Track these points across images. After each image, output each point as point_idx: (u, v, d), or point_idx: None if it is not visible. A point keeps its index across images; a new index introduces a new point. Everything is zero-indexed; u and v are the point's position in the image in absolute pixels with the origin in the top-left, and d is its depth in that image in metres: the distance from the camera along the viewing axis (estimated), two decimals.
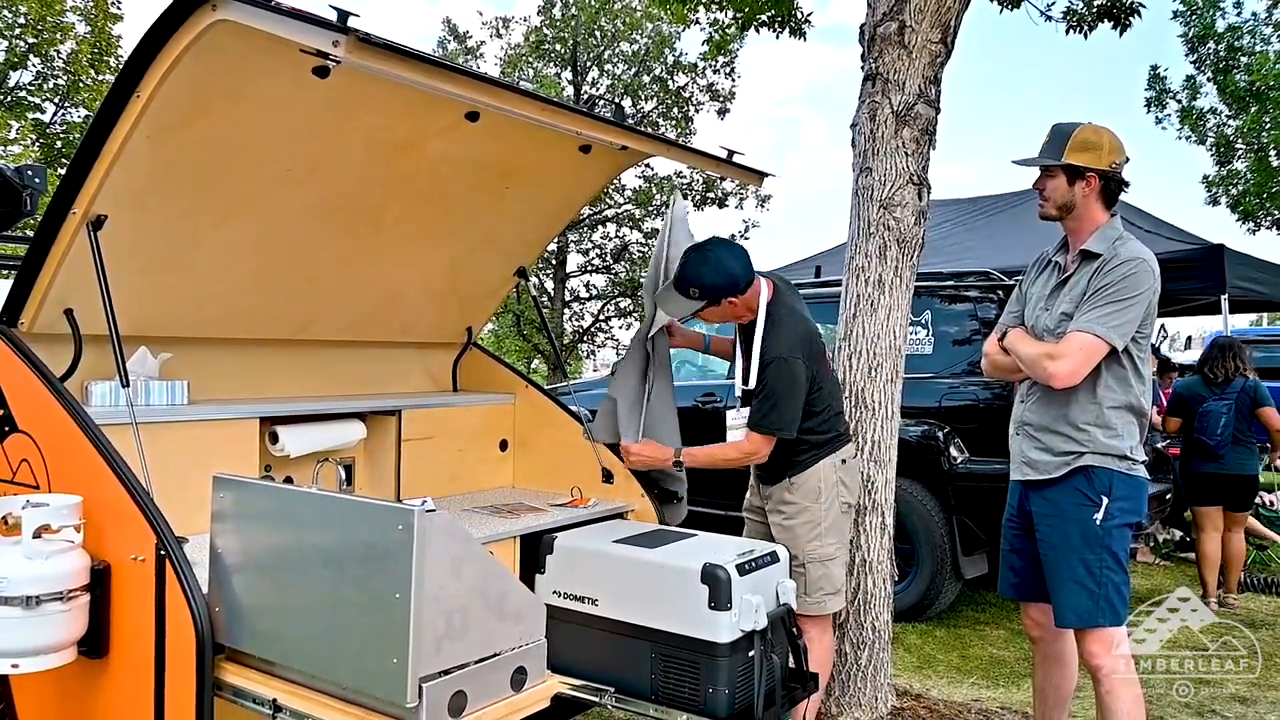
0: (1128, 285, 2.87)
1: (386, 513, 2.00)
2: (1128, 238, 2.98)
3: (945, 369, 5.78)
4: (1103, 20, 5.51)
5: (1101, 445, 2.92)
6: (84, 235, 2.60)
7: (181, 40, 2.26)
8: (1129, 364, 2.93)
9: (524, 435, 4.07)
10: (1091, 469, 2.93)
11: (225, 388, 3.31)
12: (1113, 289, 2.87)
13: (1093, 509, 2.92)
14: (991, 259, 7.36)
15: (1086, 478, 2.94)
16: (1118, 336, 2.85)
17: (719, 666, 2.52)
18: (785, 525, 3.29)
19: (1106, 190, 3.01)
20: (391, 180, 3.18)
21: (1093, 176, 2.97)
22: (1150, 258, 2.92)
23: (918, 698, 4.23)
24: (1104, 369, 2.91)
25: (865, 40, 4.05)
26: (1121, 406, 2.93)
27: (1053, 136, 3.03)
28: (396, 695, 1.96)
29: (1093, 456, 2.92)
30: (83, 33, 17.95)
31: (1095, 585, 2.91)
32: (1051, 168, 3.02)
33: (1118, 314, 2.85)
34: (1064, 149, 2.97)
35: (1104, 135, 2.98)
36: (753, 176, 3.44)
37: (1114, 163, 2.98)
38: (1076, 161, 2.96)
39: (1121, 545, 2.95)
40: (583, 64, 23.89)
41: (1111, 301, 2.86)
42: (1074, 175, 2.98)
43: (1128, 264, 2.88)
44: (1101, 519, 2.91)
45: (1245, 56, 16.24)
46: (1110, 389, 2.93)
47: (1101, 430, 2.92)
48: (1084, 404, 2.94)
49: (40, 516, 2.28)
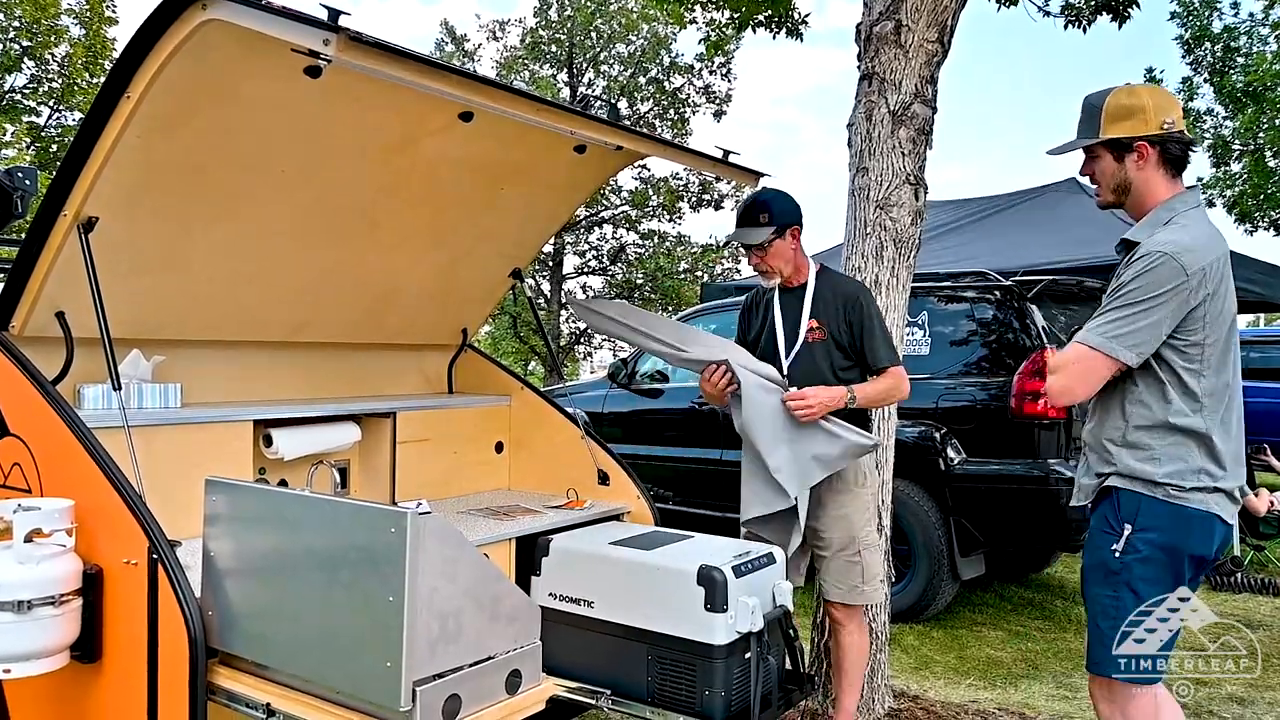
0: (1140, 286, 2.40)
1: (379, 515, 1.99)
2: (1181, 221, 2.48)
3: (942, 370, 5.77)
4: (1101, 13, 5.50)
5: (1126, 467, 2.49)
6: (75, 237, 2.58)
7: (172, 40, 2.25)
8: (1169, 376, 2.45)
9: (520, 437, 4.06)
10: (1118, 492, 2.51)
11: (219, 390, 3.30)
12: (1123, 291, 2.44)
13: (1112, 538, 2.49)
14: (989, 259, 7.38)
15: (1112, 502, 2.52)
16: (1122, 348, 2.41)
17: (715, 669, 2.51)
18: (838, 516, 3.28)
19: (1167, 157, 2.52)
20: (385, 181, 3.16)
21: (1143, 145, 2.50)
22: (1188, 248, 2.40)
23: (915, 699, 4.23)
24: (1134, 383, 2.49)
25: (861, 40, 4.05)
26: (1157, 426, 2.46)
27: (1085, 112, 2.60)
28: (390, 699, 1.95)
29: (1117, 479, 2.51)
30: (77, 35, 17.93)
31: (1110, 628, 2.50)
32: (1092, 148, 2.59)
33: (1124, 321, 2.41)
34: (1099, 123, 2.54)
35: (1143, 95, 2.52)
36: (748, 177, 3.42)
37: (1165, 122, 2.49)
38: (1117, 134, 2.52)
39: (1147, 584, 2.46)
40: (579, 65, 23.89)
41: (1117, 306, 2.44)
42: (1120, 149, 2.54)
43: (1145, 258, 2.41)
44: (1121, 550, 2.47)
45: (1242, 57, 16.27)
46: (1141, 405, 2.48)
47: (1128, 451, 2.49)
48: (1114, 421, 2.54)
49: (32, 521, 2.26)
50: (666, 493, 7.00)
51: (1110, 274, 2.61)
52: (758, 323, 3.48)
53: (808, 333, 3.31)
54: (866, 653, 3.53)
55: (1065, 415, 5.40)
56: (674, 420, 7.12)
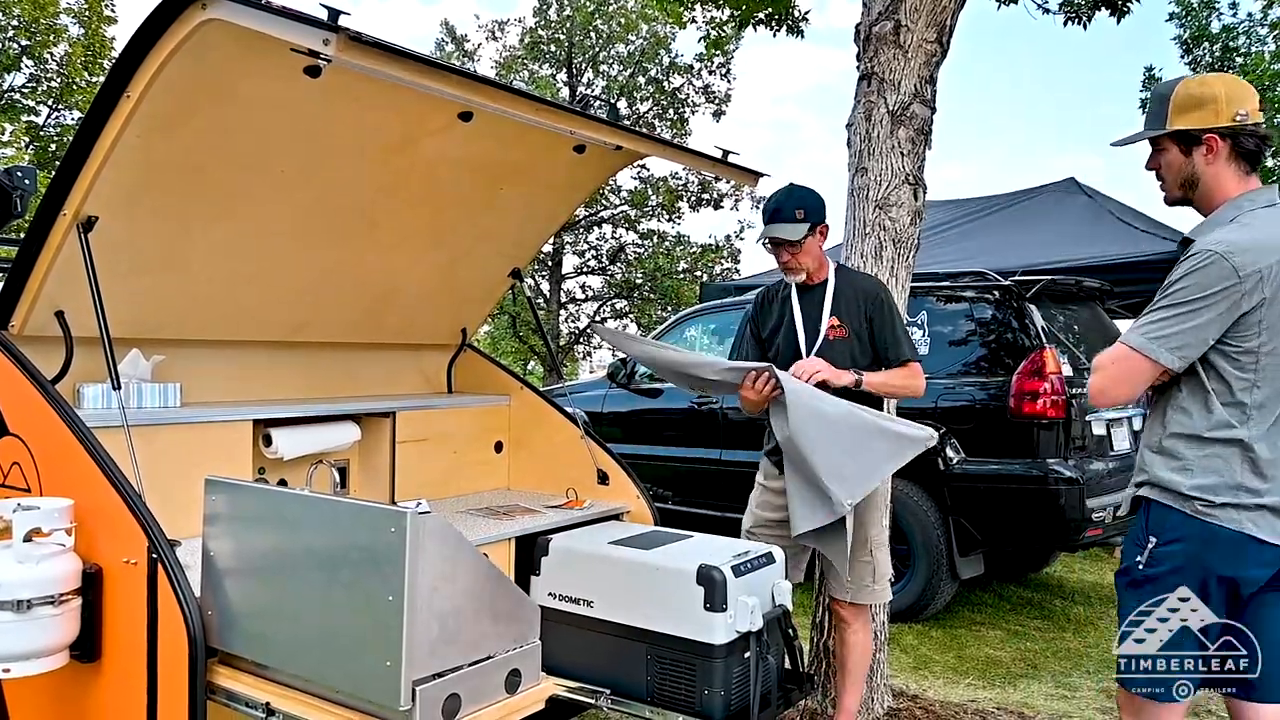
0: (1187, 286, 2.26)
1: (379, 515, 1.99)
2: (1245, 220, 2.32)
3: (941, 370, 5.77)
4: (1100, 8, 5.50)
5: (1156, 477, 2.36)
6: (74, 237, 2.58)
7: (172, 39, 2.25)
8: (1217, 384, 2.30)
9: (519, 437, 4.06)
10: (1148, 503, 2.38)
11: (219, 390, 3.30)
12: (1170, 290, 2.30)
13: (1138, 550, 2.37)
14: (988, 259, 7.38)
15: (1144, 512, 2.40)
16: (1163, 350, 2.26)
17: (714, 668, 2.51)
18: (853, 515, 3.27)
19: (1239, 151, 2.35)
20: (385, 181, 3.17)
21: (1212, 138, 2.34)
22: (1243, 248, 2.25)
23: (914, 698, 4.23)
24: (1179, 388, 2.35)
25: (861, 40, 4.05)
26: (1194, 435, 2.31)
27: (1154, 102, 2.45)
28: (389, 698, 1.95)
29: (1149, 489, 2.38)
30: (76, 35, 17.92)
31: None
32: (1159, 140, 2.43)
33: (1168, 322, 2.27)
34: (1166, 114, 2.39)
35: (1215, 85, 2.36)
36: (748, 177, 3.43)
37: (1238, 114, 2.33)
38: (1185, 125, 2.36)
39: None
40: (578, 65, 23.89)
41: (1162, 306, 2.30)
42: (1188, 142, 2.38)
43: (1195, 257, 2.27)
44: (1144, 562, 2.35)
45: (1240, 57, 16.29)
46: (1182, 411, 2.34)
47: (1160, 459, 2.36)
48: (1153, 427, 2.42)
49: (31, 520, 2.26)
50: (666, 492, 7.00)
51: (1109, 274, 2.56)
52: (773, 320, 3.46)
53: (829, 330, 3.30)
54: (870, 652, 3.53)
55: (1064, 415, 5.41)
56: (673, 420, 7.13)
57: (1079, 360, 5.78)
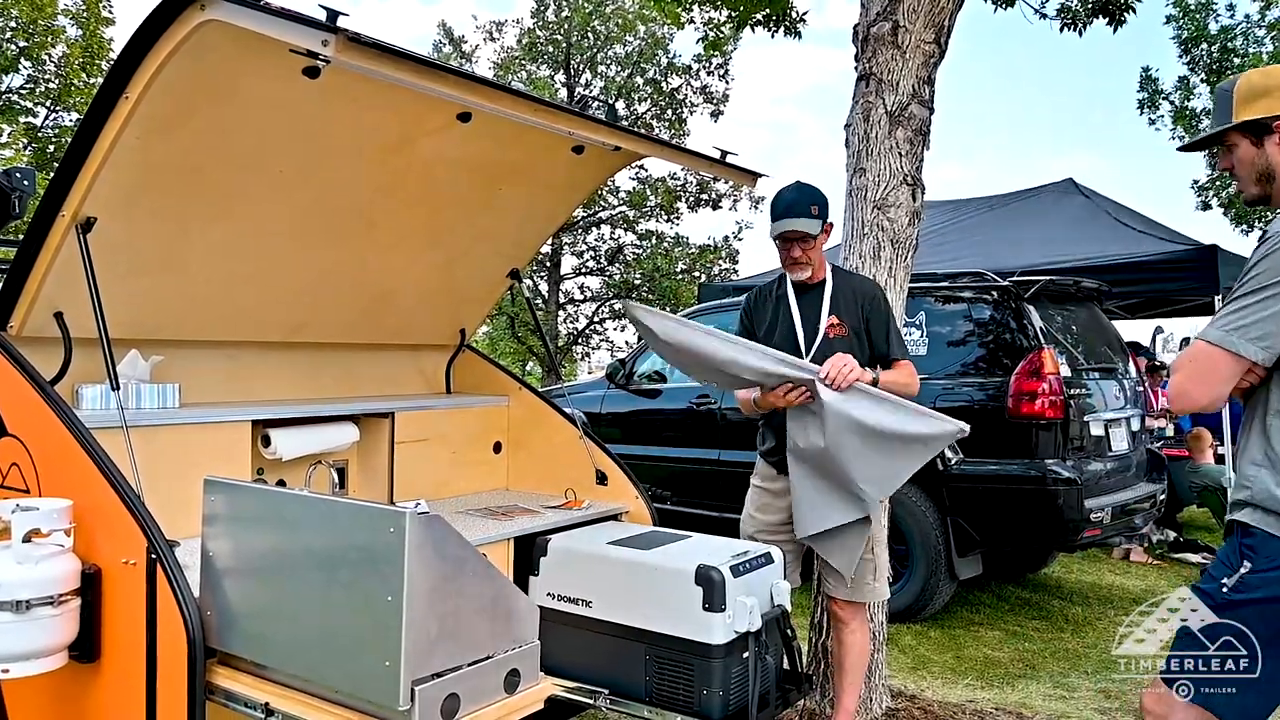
0: (1265, 270, 2.06)
1: (378, 515, 1.99)
2: None
3: (940, 370, 5.78)
4: (1097, 16, 5.52)
5: (1263, 494, 2.08)
6: (73, 238, 2.58)
7: (170, 40, 2.25)
8: None
9: (518, 437, 4.06)
10: (1245, 524, 2.12)
11: (217, 391, 3.30)
12: (1247, 279, 2.10)
13: (1227, 572, 2.11)
14: (987, 260, 7.38)
15: (1240, 532, 2.13)
16: (1244, 341, 2.05)
17: (713, 668, 2.51)
18: None
19: None
20: (383, 181, 3.17)
21: None
22: None
23: (912, 699, 4.23)
24: (1274, 389, 2.11)
25: (859, 40, 4.05)
26: None
27: (1218, 101, 2.32)
28: (389, 698, 1.95)
29: (1250, 511, 2.11)
30: (74, 36, 17.92)
31: None
32: (1227, 135, 2.28)
33: (1246, 311, 2.07)
34: (1231, 108, 2.25)
35: (1278, 74, 2.22)
36: (746, 177, 3.43)
37: None
38: (1253, 115, 2.21)
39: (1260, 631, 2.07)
40: (576, 66, 23.90)
41: (1239, 295, 2.10)
42: (1257, 132, 2.22)
43: (1271, 239, 2.08)
44: (1231, 586, 2.09)
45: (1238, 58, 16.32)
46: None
47: (1269, 473, 2.09)
48: (1254, 438, 2.16)
49: (30, 520, 2.27)
50: (664, 493, 7.00)
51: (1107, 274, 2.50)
52: (767, 319, 3.45)
53: (829, 328, 3.29)
54: (868, 651, 3.53)
55: (1062, 415, 5.42)
56: (672, 420, 7.13)
57: (1077, 360, 5.79)
